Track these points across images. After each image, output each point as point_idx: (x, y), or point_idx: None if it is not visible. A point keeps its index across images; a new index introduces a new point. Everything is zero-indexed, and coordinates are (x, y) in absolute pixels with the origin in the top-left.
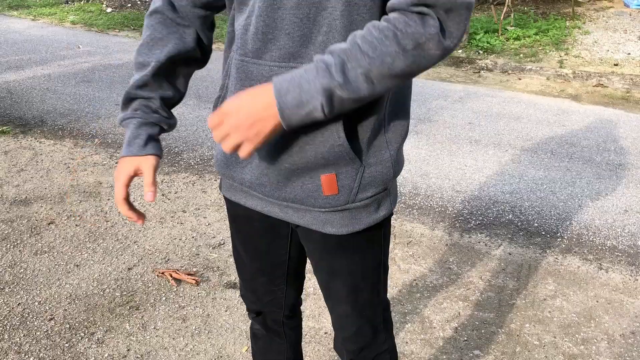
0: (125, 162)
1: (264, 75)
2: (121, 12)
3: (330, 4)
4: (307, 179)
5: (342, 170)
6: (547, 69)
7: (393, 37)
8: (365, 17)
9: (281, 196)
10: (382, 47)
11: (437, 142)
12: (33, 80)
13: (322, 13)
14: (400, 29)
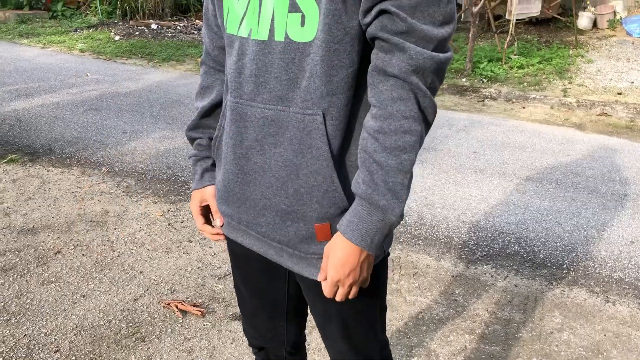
0: (193, 195)
1: (257, 117)
2: (129, 39)
3: (312, 49)
4: (302, 225)
5: (336, 218)
6: (551, 97)
7: (413, 145)
8: (345, 63)
9: (276, 238)
10: (406, 154)
11: (442, 171)
12: (42, 108)
13: (306, 59)
14: (415, 132)
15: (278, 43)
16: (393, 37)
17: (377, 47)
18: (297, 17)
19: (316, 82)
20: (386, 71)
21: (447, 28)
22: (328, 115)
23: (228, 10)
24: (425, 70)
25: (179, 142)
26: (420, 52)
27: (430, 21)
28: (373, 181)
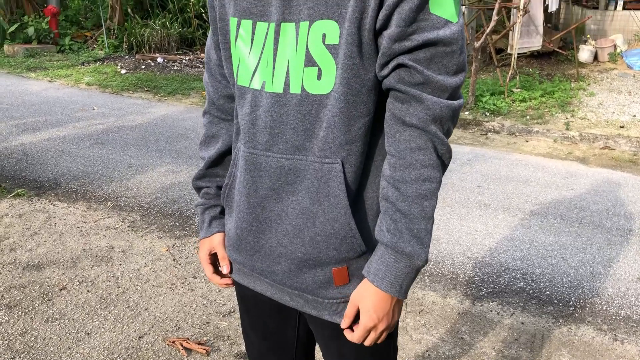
0: (202, 244)
1: (272, 166)
2: (135, 73)
3: (329, 101)
4: (319, 270)
5: (353, 261)
6: (554, 131)
7: (433, 192)
8: (362, 113)
9: (293, 285)
10: (427, 201)
11: (447, 205)
12: (48, 142)
13: (323, 110)
14: (433, 179)
15: (294, 95)
16: (410, 89)
17: (394, 98)
18: (314, 71)
19: (334, 132)
20: (405, 121)
21: (460, 76)
22: (347, 163)
23: (238, 62)
24: (443, 118)
25: (184, 176)
26: (437, 102)
27: (445, 71)
28: (397, 229)
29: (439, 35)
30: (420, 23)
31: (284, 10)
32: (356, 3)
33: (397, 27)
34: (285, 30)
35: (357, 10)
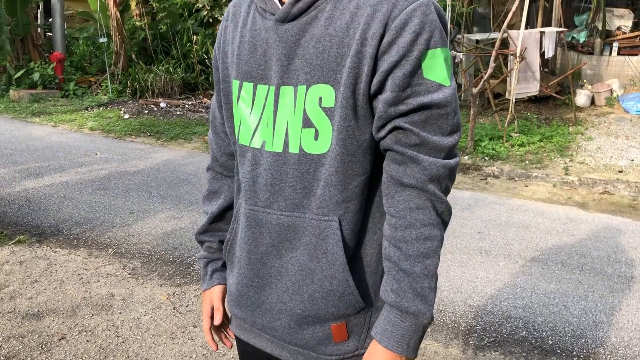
0: (204, 296)
1: (272, 223)
2: (138, 118)
3: (326, 161)
4: (318, 327)
5: (351, 317)
6: (553, 175)
7: (435, 250)
8: (358, 172)
9: (292, 341)
10: (429, 260)
11: (447, 252)
12: (51, 188)
13: (320, 169)
14: (435, 238)
15: (293, 155)
16: (407, 150)
17: (391, 159)
18: (311, 132)
19: (332, 191)
20: (402, 182)
21: (455, 136)
22: (344, 221)
23: (240, 122)
24: (440, 177)
25: (186, 222)
26: (434, 162)
27: (440, 132)
28: (401, 289)
29: (432, 98)
30: (415, 87)
31: (283, 74)
32: (350, 69)
33: (392, 92)
34: (284, 93)
35: (351, 76)
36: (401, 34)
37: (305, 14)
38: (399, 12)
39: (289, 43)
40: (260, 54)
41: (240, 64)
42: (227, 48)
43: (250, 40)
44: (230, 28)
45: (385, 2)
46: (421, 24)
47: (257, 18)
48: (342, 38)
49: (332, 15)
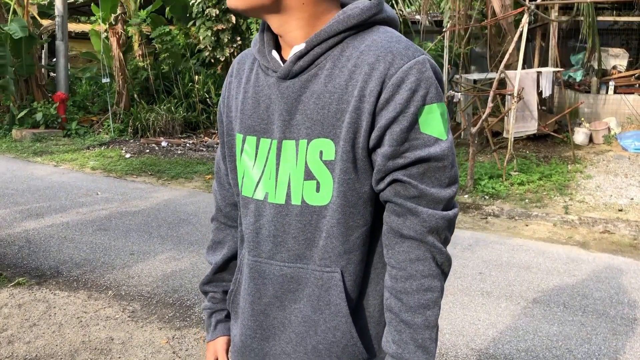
0: (208, 347)
1: (275, 274)
2: (139, 157)
3: (328, 212)
4: None
5: None
6: (553, 214)
7: (435, 301)
8: (359, 223)
9: None
10: (429, 311)
11: (449, 293)
12: (51, 229)
13: (322, 220)
14: (435, 289)
15: (295, 206)
16: (406, 202)
17: (391, 211)
18: (313, 184)
19: (333, 242)
20: (402, 234)
21: (453, 188)
22: (346, 272)
23: (243, 174)
24: (439, 229)
25: (186, 264)
26: (433, 214)
27: (438, 184)
28: (402, 340)
29: (430, 152)
30: (412, 142)
31: (284, 129)
32: (349, 124)
33: (390, 146)
34: (286, 147)
35: (350, 131)
36: (398, 91)
37: (305, 72)
38: (396, 71)
39: (291, 99)
40: (263, 109)
41: (243, 118)
42: (231, 103)
43: (254, 96)
44: (235, 84)
45: (382, 60)
46: (417, 81)
47: (260, 74)
48: (341, 95)
49: (331, 73)
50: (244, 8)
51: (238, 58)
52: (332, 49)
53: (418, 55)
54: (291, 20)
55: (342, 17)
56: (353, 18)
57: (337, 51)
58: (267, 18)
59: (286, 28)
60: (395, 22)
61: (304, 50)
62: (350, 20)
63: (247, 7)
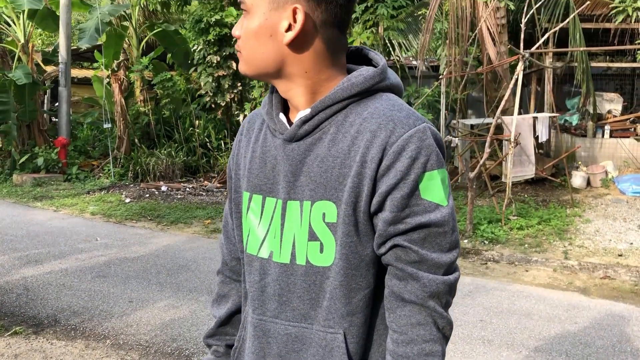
0: None
1: (280, 333)
2: (139, 202)
3: (331, 274)
4: None
5: None
6: (553, 260)
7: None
8: (362, 285)
9: None
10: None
11: (450, 342)
12: (50, 276)
13: (326, 281)
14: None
15: (299, 266)
16: (407, 267)
17: (392, 275)
18: (317, 245)
19: (336, 304)
20: (403, 298)
21: (454, 252)
22: (349, 334)
23: (248, 232)
24: (440, 294)
25: (184, 312)
26: (433, 279)
27: (439, 249)
28: None
29: (430, 218)
30: (413, 208)
31: (289, 190)
32: (351, 189)
33: (391, 212)
34: (291, 207)
35: (352, 195)
36: (399, 159)
37: (310, 135)
38: (397, 139)
39: (296, 161)
40: (270, 169)
41: (251, 177)
42: (240, 161)
43: (261, 156)
44: (244, 142)
45: (384, 128)
46: (417, 149)
47: (268, 135)
48: (344, 159)
49: (335, 137)
50: (252, 74)
51: (248, 117)
52: (336, 115)
53: (419, 123)
54: (295, 87)
55: (347, 84)
56: (357, 86)
57: (341, 117)
58: (274, 83)
59: (291, 93)
60: (399, 88)
61: (309, 115)
62: (354, 88)
63: (255, 73)
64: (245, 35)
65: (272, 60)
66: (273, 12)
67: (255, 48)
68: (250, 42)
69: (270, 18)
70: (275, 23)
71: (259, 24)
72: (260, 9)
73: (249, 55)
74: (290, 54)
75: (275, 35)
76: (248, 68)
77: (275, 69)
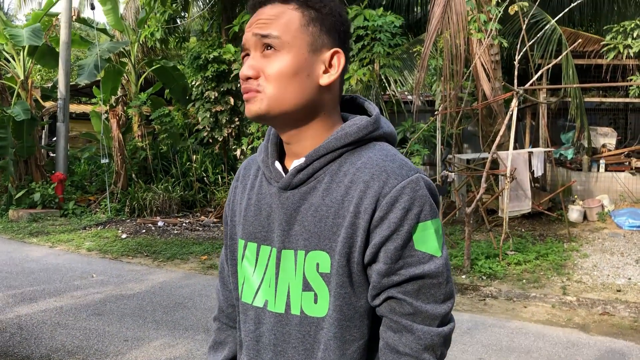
0: None
1: None
2: (135, 237)
3: (325, 324)
4: None
5: None
6: (551, 295)
7: None
8: (356, 337)
9: None
10: None
11: None
12: (45, 314)
13: (320, 332)
14: None
15: (294, 317)
16: (401, 319)
17: (387, 326)
18: (311, 295)
19: (331, 355)
20: (398, 350)
21: (449, 304)
22: None
23: (243, 280)
24: (435, 346)
25: (181, 351)
26: (428, 331)
27: (434, 301)
28: None
29: (424, 270)
30: (407, 259)
31: (284, 238)
32: (345, 239)
33: (385, 263)
34: (285, 257)
35: (346, 246)
36: (392, 210)
37: (305, 184)
38: (390, 190)
39: (290, 210)
40: (265, 217)
41: (246, 224)
42: (236, 208)
43: (256, 203)
44: (240, 189)
45: (377, 179)
46: (411, 200)
47: (264, 182)
48: (338, 209)
49: (329, 187)
50: (274, 114)
51: (244, 163)
52: (330, 164)
53: (412, 174)
54: (307, 130)
55: (340, 134)
56: (350, 135)
57: (335, 166)
58: (283, 125)
59: (299, 137)
60: (392, 136)
61: (303, 164)
62: (347, 138)
63: (278, 113)
64: (279, 74)
65: (304, 100)
66: (311, 54)
67: (288, 87)
68: (285, 81)
69: (310, 59)
70: (313, 64)
71: (298, 63)
72: (299, 49)
73: (278, 94)
74: (319, 95)
75: (311, 76)
76: (272, 107)
77: (304, 109)
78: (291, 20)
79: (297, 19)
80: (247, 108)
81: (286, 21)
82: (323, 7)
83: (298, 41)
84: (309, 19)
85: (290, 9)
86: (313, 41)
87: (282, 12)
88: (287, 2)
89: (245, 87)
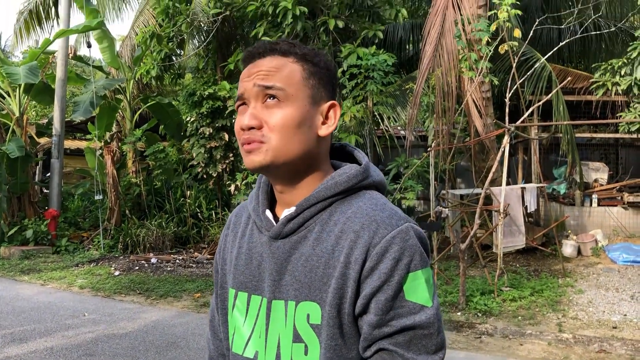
0: None
1: None
2: (128, 275)
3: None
4: None
5: None
6: (547, 332)
7: None
8: None
9: None
10: None
11: None
12: (34, 355)
13: None
14: None
15: None
16: None
17: None
18: (301, 347)
19: None
20: None
21: (440, 354)
22: None
23: (234, 330)
24: None
25: None
26: None
27: (425, 351)
28: None
29: (415, 320)
30: (397, 310)
31: (274, 289)
32: (335, 290)
33: (376, 315)
34: (276, 307)
35: (336, 297)
36: (382, 260)
37: (295, 233)
38: (379, 240)
39: (281, 259)
40: (255, 266)
41: (236, 273)
42: (227, 256)
43: (247, 252)
44: (230, 237)
45: (367, 229)
46: (400, 250)
47: (254, 231)
48: (328, 259)
49: (319, 236)
50: (277, 163)
51: (235, 211)
52: (321, 213)
53: (401, 223)
54: (303, 179)
55: (331, 183)
56: (340, 185)
57: (326, 215)
58: (283, 175)
59: (293, 186)
60: (382, 184)
61: (294, 213)
62: (337, 187)
63: (281, 162)
64: (283, 124)
65: (306, 150)
66: (312, 106)
67: (292, 137)
68: (290, 132)
69: (311, 110)
70: (314, 115)
71: (302, 115)
72: (302, 100)
73: (282, 145)
74: (317, 146)
75: (312, 127)
76: (276, 158)
77: (305, 159)
78: (293, 72)
79: (298, 71)
80: (249, 159)
81: (288, 73)
82: (319, 61)
83: (301, 93)
84: (309, 72)
85: (290, 62)
86: (314, 94)
87: (284, 65)
88: (287, 55)
89: (247, 138)
